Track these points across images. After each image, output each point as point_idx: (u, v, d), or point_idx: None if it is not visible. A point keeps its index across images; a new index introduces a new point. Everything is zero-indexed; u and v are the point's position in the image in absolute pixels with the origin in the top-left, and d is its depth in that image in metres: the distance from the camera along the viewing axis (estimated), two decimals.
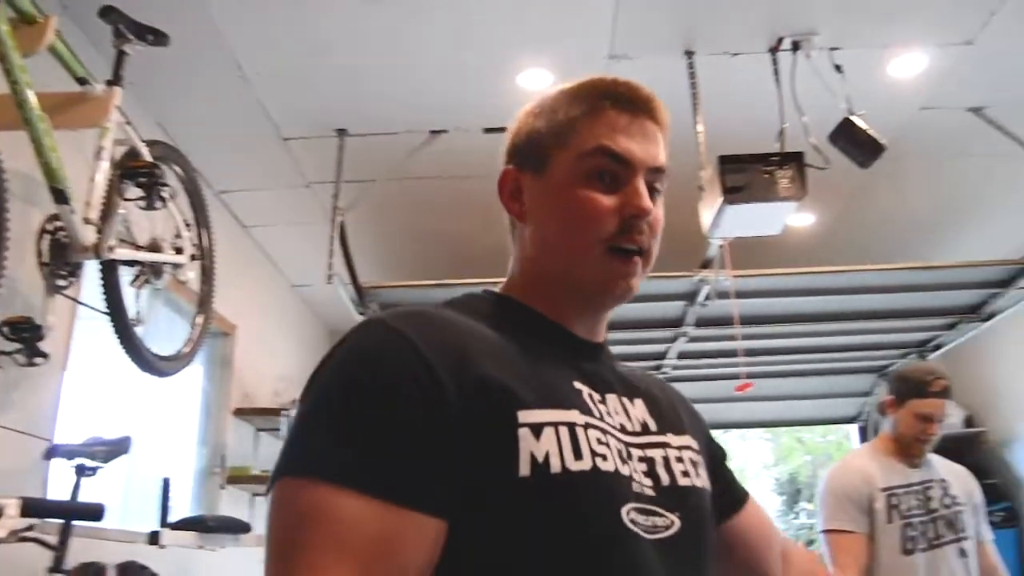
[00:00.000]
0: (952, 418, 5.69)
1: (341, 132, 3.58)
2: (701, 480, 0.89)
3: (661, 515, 0.80)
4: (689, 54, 3.06)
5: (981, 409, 5.77)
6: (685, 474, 0.86)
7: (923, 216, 4.63)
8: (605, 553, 0.74)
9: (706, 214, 2.88)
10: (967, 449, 5.28)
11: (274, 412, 4.25)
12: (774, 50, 3.04)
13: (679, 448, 0.89)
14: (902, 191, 4.30)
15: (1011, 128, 3.54)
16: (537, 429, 0.74)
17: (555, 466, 0.73)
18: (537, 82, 3.23)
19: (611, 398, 0.87)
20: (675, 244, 3.22)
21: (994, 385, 5.63)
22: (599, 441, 0.78)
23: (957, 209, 4.59)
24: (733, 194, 2.66)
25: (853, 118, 2.83)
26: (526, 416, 0.74)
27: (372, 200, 3.89)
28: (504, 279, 0.96)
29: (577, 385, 0.83)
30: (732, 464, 1.07)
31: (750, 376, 4.34)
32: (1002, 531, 5.14)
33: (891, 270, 3.88)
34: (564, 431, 0.75)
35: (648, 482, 0.82)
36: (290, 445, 0.73)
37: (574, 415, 0.78)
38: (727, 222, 2.79)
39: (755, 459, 12.51)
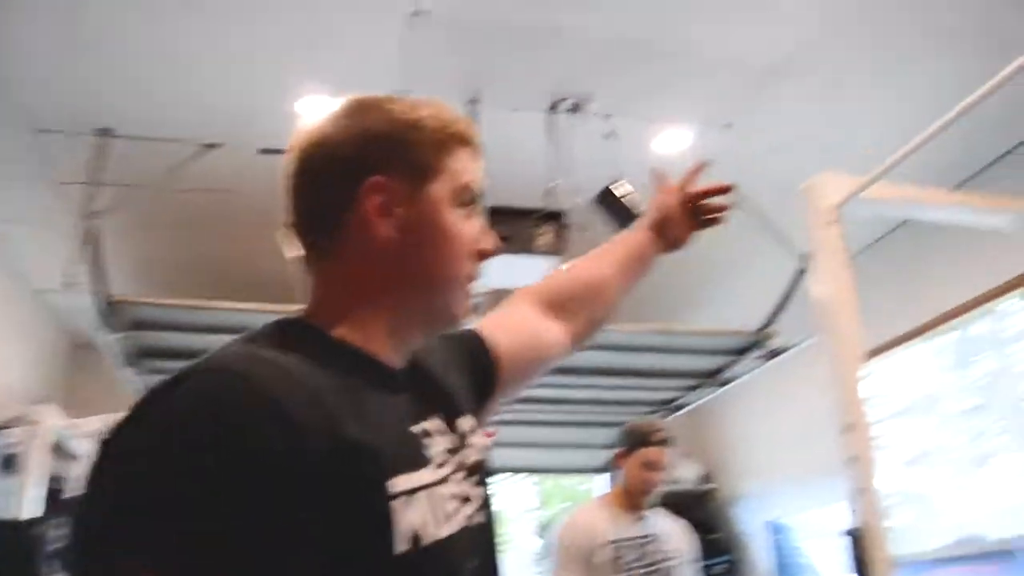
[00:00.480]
0: (688, 474, 6.16)
1: (104, 131, 3.34)
2: (486, 455, 0.88)
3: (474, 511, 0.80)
4: (473, 102, 3.15)
5: (715, 467, 6.27)
6: (475, 453, 0.85)
7: (674, 282, 4.99)
8: None
9: None
10: (698, 505, 5.69)
11: None
12: (553, 109, 3.19)
13: (471, 432, 0.87)
14: (657, 259, 4.62)
15: (760, 205, 3.91)
16: (407, 498, 0.68)
17: (427, 537, 0.68)
18: (315, 109, 3.19)
19: (430, 425, 0.80)
20: None
21: (727, 445, 6.15)
22: (452, 495, 0.75)
23: (706, 278, 5.00)
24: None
25: (613, 186, 3.02)
26: (397, 484, 0.68)
27: (135, 208, 3.65)
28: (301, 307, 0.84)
29: (415, 429, 0.77)
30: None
31: (504, 423, 4.45)
32: None
33: (641, 332, 4.12)
34: (424, 496, 0.70)
35: (477, 492, 0.82)
36: (105, 520, 0.59)
37: (431, 474, 0.73)
38: (487, 271, 2.87)
39: (520, 502, 12.81)
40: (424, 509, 0.69)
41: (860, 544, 2.01)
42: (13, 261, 4.44)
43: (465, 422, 0.87)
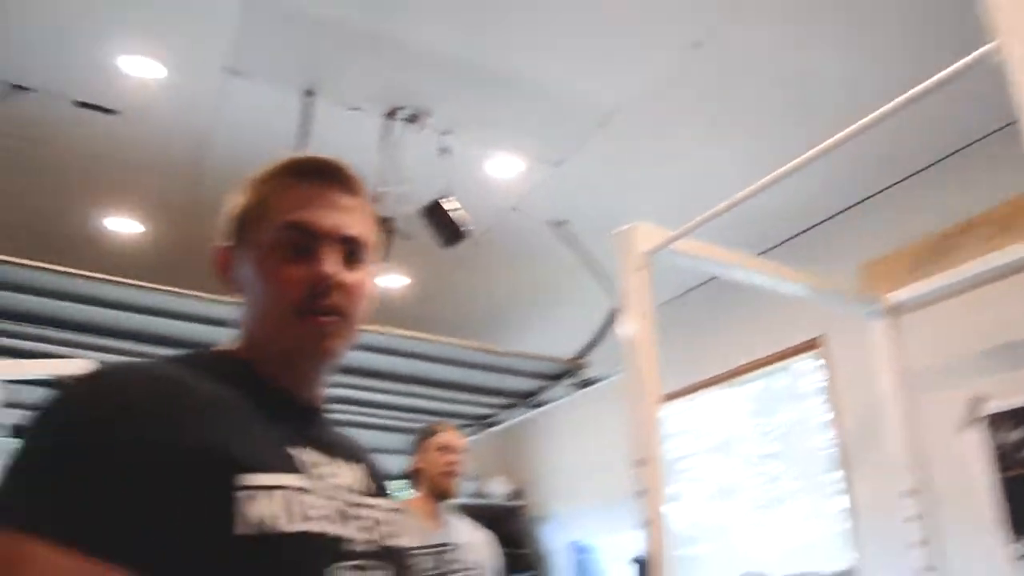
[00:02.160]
0: (498, 490, 6.24)
1: None
2: (407, 541, 0.95)
3: (379, 570, 0.86)
4: (309, 93, 3.05)
5: (526, 485, 6.37)
6: (395, 536, 0.92)
7: (500, 303, 5.06)
8: None
9: None
10: (506, 520, 5.77)
11: None
12: (391, 116, 3.14)
13: (388, 511, 0.94)
14: (486, 277, 4.67)
15: (585, 243, 4.02)
16: (254, 492, 0.75)
17: (270, 527, 0.75)
18: (142, 70, 3.00)
19: (335, 461, 0.91)
20: None
21: (539, 465, 6.27)
22: (312, 506, 0.81)
23: (530, 303, 5.08)
24: None
25: (442, 201, 3.00)
26: (246, 479, 0.75)
27: None
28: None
29: (296, 450, 0.86)
30: None
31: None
32: None
33: (464, 348, 4.13)
34: (279, 495, 0.77)
35: (372, 537, 0.87)
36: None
37: (291, 479, 0.81)
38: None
39: None
40: (278, 505, 0.76)
41: (647, 572, 2.12)
42: None
43: (383, 503, 0.95)
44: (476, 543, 2.75)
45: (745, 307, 4.38)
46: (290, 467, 0.83)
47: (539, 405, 4.79)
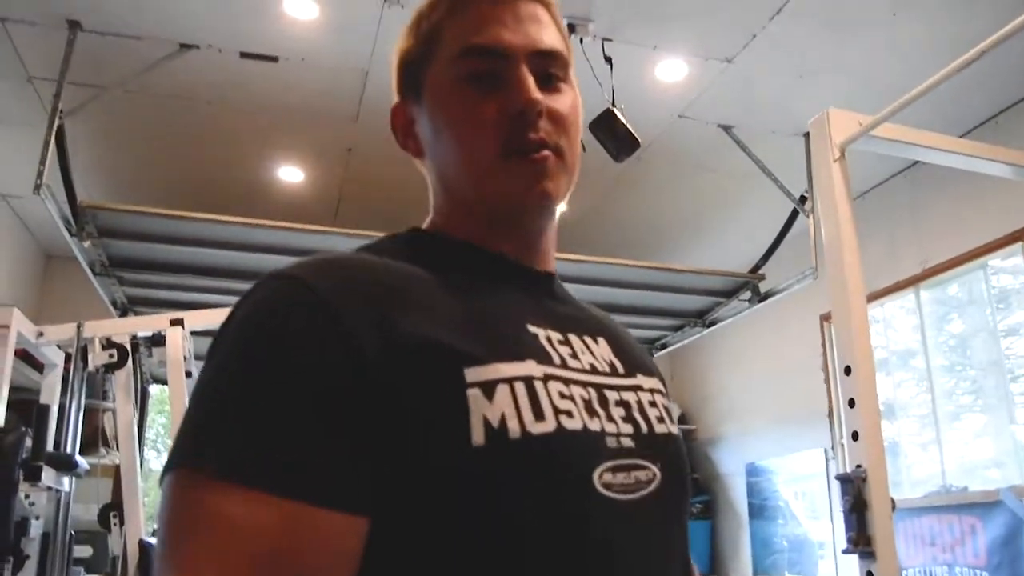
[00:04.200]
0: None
1: (74, 24, 3.13)
2: (675, 427, 0.78)
3: (643, 467, 0.69)
4: None
5: (694, 409, 6.26)
6: (660, 420, 0.75)
7: (664, 221, 4.89)
8: (576, 531, 0.62)
9: None
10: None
11: None
12: None
13: (651, 391, 0.78)
14: (648, 194, 4.52)
15: (753, 149, 3.80)
16: (489, 388, 0.61)
17: (513, 430, 0.60)
18: (304, 11, 3.01)
19: (572, 337, 0.74)
20: (420, 208, 3.14)
21: (707, 389, 6.13)
22: (562, 395, 0.66)
23: (695, 219, 4.90)
24: None
25: (615, 110, 2.88)
26: (474, 374, 0.61)
27: (104, 109, 3.48)
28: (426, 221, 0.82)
29: (532, 327, 0.71)
30: None
31: None
32: (698, 522, 5.63)
33: (630, 266, 4.03)
34: (521, 387, 0.63)
35: (628, 429, 0.70)
36: (181, 427, 0.59)
37: (531, 367, 0.65)
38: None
39: None
40: (522, 400, 0.62)
41: (856, 488, 1.95)
42: None
43: (644, 380, 0.79)
44: None
45: (939, 199, 4.05)
46: (529, 351, 0.67)
47: (712, 324, 4.65)
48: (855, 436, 2.06)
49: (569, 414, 0.65)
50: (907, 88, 2.11)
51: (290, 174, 4.37)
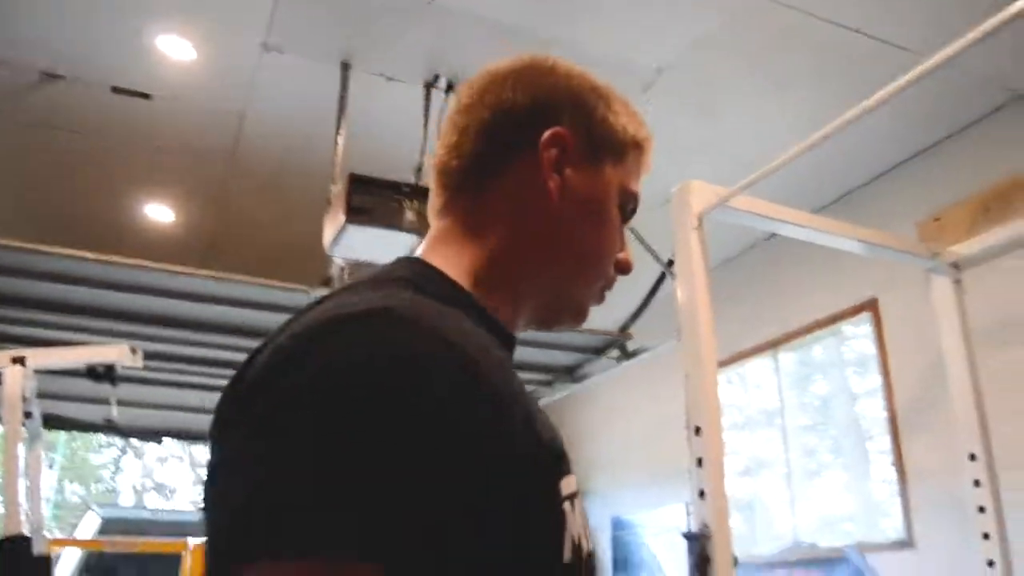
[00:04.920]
0: None
1: None
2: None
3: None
4: (346, 66, 2.99)
5: None
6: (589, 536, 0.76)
7: None
8: None
9: (328, 230, 2.79)
10: None
11: None
12: (429, 86, 3.07)
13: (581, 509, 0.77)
14: None
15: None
16: (571, 503, 0.59)
17: (584, 549, 0.59)
18: (178, 51, 2.95)
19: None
20: (296, 253, 3.08)
21: (577, 440, 6.21)
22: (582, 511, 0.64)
23: None
24: (357, 215, 2.60)
25: None
26: (564, 486, 0.58)
27: None
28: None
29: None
30: None
31: None
32: None
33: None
34: (578, 504, 0.61)
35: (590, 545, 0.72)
36: (273, 501, 0.46)
37: (573, 481, 0.62)
38: (347, 242, 2.72)
39: None
40: (576, 518, 0.59)
41: (701, 545, 2.01)
42: None
43: None
44: None
45: (795, 269, 4.29)
46: (568, 458, 0.63)
47: (581, 379, 4.73)
48: (701, 494, 2.13)
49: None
50: (763, 165, 2.24)
51: (160, 212, 4.23)
